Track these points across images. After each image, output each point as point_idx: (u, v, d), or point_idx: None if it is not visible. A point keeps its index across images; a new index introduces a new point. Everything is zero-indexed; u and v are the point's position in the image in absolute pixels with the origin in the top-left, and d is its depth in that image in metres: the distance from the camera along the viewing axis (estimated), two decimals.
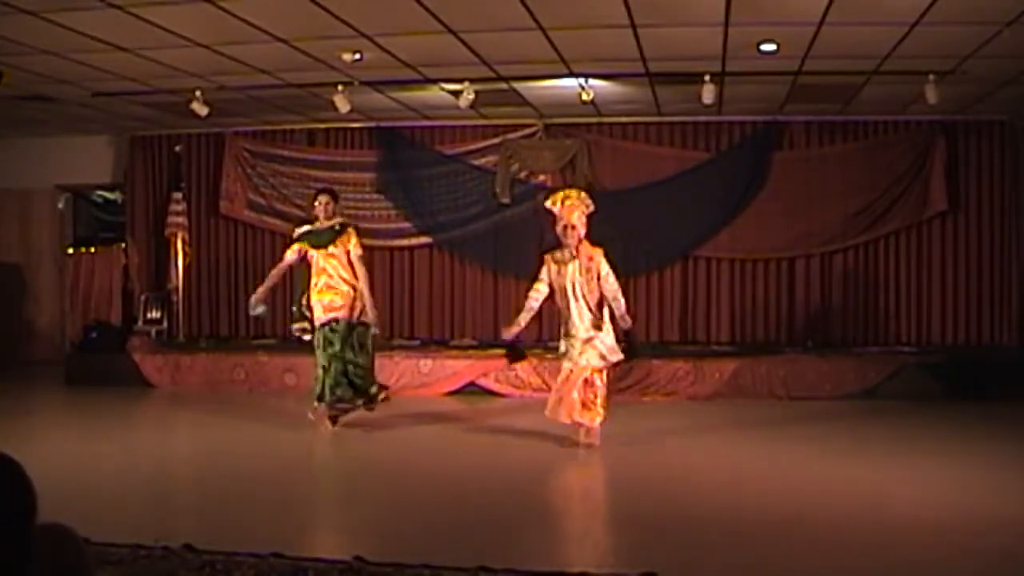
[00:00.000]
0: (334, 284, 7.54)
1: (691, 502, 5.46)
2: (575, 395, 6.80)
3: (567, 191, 7.12)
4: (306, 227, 7.78)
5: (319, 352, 7.55)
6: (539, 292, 6.95)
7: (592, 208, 6.91)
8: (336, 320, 7.51)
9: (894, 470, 6.23)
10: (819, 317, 10.80)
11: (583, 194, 7.00)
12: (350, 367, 7.53)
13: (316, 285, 7.62)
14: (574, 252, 6.79)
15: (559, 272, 6.83)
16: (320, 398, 7.56)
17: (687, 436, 7.70)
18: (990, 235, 10.52)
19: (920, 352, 10.04)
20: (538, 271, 7.00)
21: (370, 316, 7.59)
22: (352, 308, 7.52)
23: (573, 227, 6.74)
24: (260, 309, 7.77)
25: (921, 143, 10.44)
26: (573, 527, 5.37)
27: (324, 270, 7.57)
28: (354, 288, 7.56)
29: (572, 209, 6.79)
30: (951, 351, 10.18)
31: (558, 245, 6.92)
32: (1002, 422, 8.10)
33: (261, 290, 7.76)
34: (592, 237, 6.97)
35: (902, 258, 10.70)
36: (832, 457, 6.67)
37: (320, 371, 7.53)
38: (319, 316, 7.57)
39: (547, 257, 6.97)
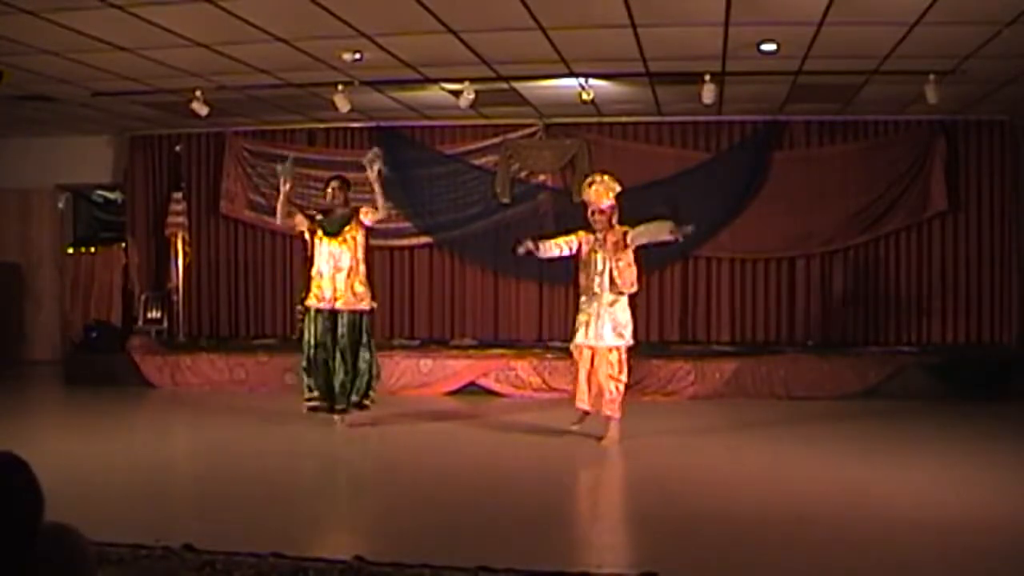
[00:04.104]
0: (335, 272, 7.55)
1: (691, 502, 5.46)
2: (610, 388, 6.96)
3: (594, 175, 7.34)
4: (319, 218, 7.78)
5: (306, 342, 7.58)
6: (566, 242, 7.16)
7: (619, 189, 7.13)
8: (331, 311, 7.53)
9: (894, 470, 6.23)
10: (819, 317, 10.80)
11: (607, 177, 7.21)
12: (338, 362, 7.53)
13: (317, 271, 7.64)
14: (603, 237, 7.01)
15: (589, 251, 7.08)
16: (310, 389, 7.63)
17: (687, 436, 7.70)
18: (990, 235, 10.52)
19: (920, 352, 10.03)
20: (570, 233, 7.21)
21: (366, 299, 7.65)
22: (351, 296, 7.54)
23: (602, 211, 7.01)
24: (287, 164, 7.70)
25: (921, 143, 10.44)
26: (573, 527, 5.37)
27: (330, 256, 7.57)
28: (358, 276, 7.58)
29: (600, 194, 7.05)
30: (951, 351, 10.17)
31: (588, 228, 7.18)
32: (1002, 422, 8.10)
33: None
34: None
35: (902, 258, 10.69)
36: (832, 457, 6.68)
37: (305, 363, 7.59)
38: (312, 302, 7.60)
39: (582, 232, 7.19)
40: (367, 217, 7.66)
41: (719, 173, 10.73)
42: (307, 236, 7.73)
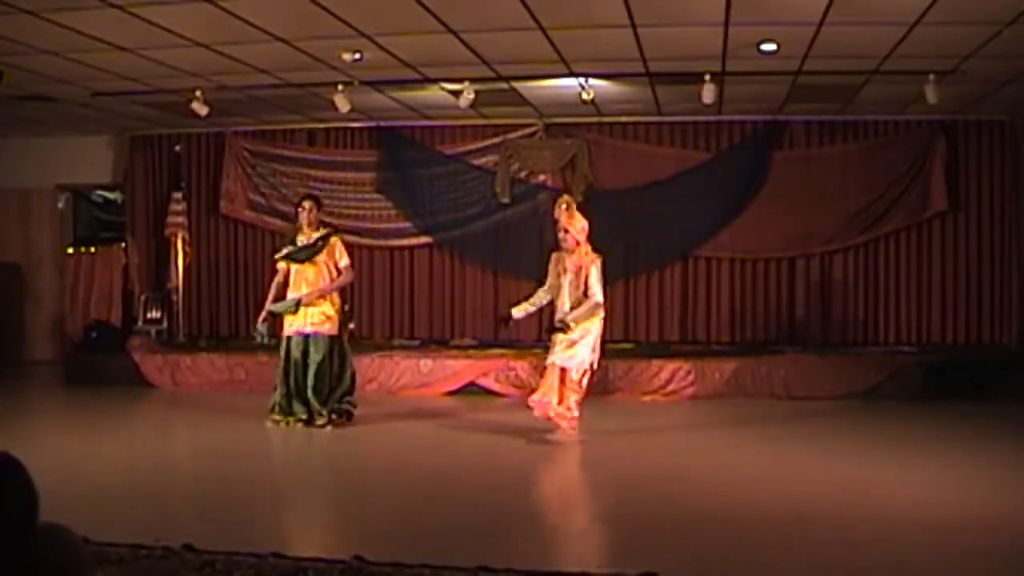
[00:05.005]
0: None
1: (691, 501, 5.46)
2: (554, 391, 7.06)
3: (565, 198, 7.44)
4: (287, 248, 7.85)
5: (281, 364, 7.71)
6: (544, 292, 7.28)
7: (572, 207, 7.18)
8: (304, 334, 7.63)
9: (894, 470, 6.23)
10: (819, 317, 10.80)
11: (565, 195, 7.48)
12: (310, 382, 7.62)
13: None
14: (570, 258, 7.04)
15: (556, 265, 7.14)
16: (273, 409, 7.73)
17: (687, 435, 7.71)
18: (990, 235, 10.53)
19: (920, 352, 10.04)
20: (546, 268, 7.31)
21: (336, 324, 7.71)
22: (322, 320, 7.62)
23: (565, 231, 7.04)
24: (263, 331, 7.94)
25: (921, 143, 10.44)
26: (573, 527, 5.37)
27: (301, 282, 7.68)
28: (330, 299, 7.68)
29: (561, 213, 7.13)
30: (951, 351, 10.18)
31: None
32: (1002, 422, 8.10)
33: (265, 312, 7.93)
34: (593, 239, 7.15)
35: (902, 258, 10.70)
36: (832, 457, 6.67)
37: (279, 382, 7.72)
38: (287, 328, 7.70)
39: (554, 254, 7.26)
40: (342, 261, 7.74)
41: (719, 173, 10.74)
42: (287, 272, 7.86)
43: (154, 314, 11.50)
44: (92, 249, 12.52)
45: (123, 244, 12.18)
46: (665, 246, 10.89)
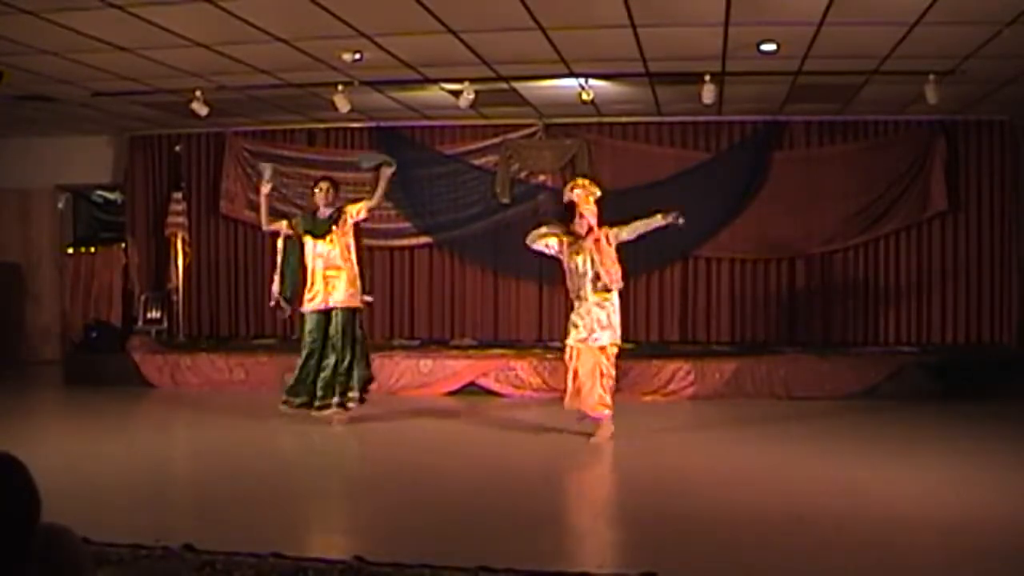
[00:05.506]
0: (327, 274, 7.67)
1: (691, 502, 5.46)
2: (596, 386, 7.03)
3: (576, 180, 7.51)
4: (303, 221, 7.94)
5: (304, 342, 7.77)
6: (547, 245, 7.25)
7: (598, 194, 7.21)
8: (323, 311, 7.67)
9: (894, 470, 6.23)
10: (819, 317, 10.80)
11: (586, 181, 7.40)
12: (331, 362, 7.66)
13: (311, 273, 7.78)
14: (584, 239, 7.07)
15: (570, 255, 7.12)
16: (292, 392, 7.80)
17: (687, 436, 7.71)
18: (990, 235, 10.52)
19: (920, 352, 10.04)
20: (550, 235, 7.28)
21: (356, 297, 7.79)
22: (342, 294, 7.67)
23: (581, 215, 7.08)
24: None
25: (921, 143, 10.44)
26: (573, 527, 5.37)
27: (318, 256, 7.69)
28: (349, 272, 7.72)
29: (583, 198, 7.14)
30: (951, 351, 10.17)
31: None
32: (1002, 422, 8.10)
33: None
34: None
35: (902, 258, 10.70)
36: (832, 457, 6.67)
37: (301, 362, 7.76)
38: (306, 305, 7.76)
39: (565, 238, 7.21)
40: (360, 214, 7.80)
41: (719, 173, 10.73)
42: (284, 235, 7.94)
43: (154, 314, 11.51)
44: (92, 249, 12.53)
45: (123, 244, 12.18)
46: (665, 246, 10.84)
